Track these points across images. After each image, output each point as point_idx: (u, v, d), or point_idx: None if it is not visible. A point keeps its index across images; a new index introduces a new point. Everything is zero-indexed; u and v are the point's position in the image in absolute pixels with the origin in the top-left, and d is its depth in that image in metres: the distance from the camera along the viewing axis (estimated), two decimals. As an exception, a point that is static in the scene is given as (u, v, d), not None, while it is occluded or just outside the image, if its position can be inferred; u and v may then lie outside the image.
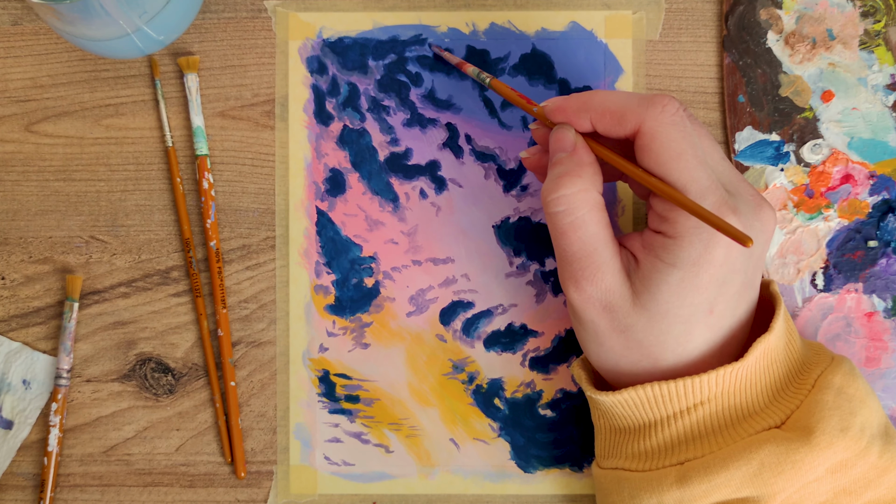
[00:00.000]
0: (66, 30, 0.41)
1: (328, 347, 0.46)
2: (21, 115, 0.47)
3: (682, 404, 0.38)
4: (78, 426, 0.47)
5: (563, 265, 0.39)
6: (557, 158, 0.39)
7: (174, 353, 0.47)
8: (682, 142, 0.37)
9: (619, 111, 0.38)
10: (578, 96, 0.39)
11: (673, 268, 0.37)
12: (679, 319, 0.37)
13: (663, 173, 0.37)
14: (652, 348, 0.38)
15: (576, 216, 0.38)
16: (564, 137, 0.39)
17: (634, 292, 0.38)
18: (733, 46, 0.46)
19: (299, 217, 0.47)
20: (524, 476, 0.46)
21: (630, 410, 0.39)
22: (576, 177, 0.38)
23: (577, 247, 0.38)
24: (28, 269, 0.47)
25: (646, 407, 0.38)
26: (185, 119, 0.47)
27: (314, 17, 0.47)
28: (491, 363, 0.46)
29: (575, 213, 0.38)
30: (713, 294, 0.37)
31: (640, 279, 0.38)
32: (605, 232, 0.38)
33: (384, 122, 0.47)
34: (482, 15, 0.46)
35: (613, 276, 0.38)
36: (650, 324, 0.37)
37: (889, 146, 0.45)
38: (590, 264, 0.38)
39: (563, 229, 0.38)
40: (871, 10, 0.45)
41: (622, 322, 0.38)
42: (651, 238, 0.38)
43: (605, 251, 0.38)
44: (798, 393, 0.38)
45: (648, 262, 0.37)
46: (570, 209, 0.38)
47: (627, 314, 0.38)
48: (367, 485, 0.46)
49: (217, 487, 0.46)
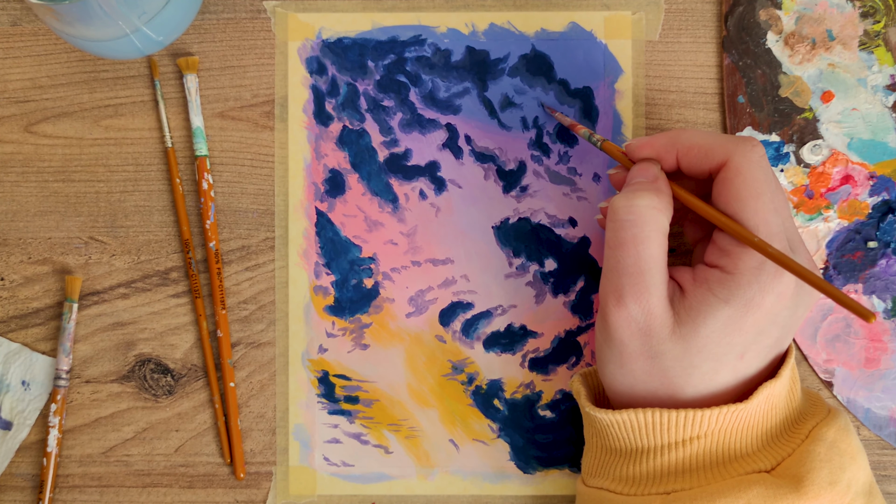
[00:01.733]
0: (66, 30, 0.41)
1: (327, 348, 0.46)
2: (20, 115, 0.47)
3: (679, 435, 0.38)
4: (77, 427, 0.47)
5: (611, 277, 0.38)
6: (638, 180, 0.39)
7: (173, 353, 0.47)
8: (764, 184, 0.37)
9: (708, 146, 0.38)
10: (665, 134, 0.39)
11: (725, 304, 0.36)
12: (712, 356, 0.37)
13: (737, 210, 0.37)
14: (675, 379, 0.38)
15: (641, 230, 0.37)
16: (648, 168, 0.39)
17: (677, 321, 0.37)
18: (733, 47, 0.46)
19: (299, 218, 0.47)
20: (523, 477, 0.46)
21: (626, 433, 0.39)
22: (654, 192, 0.38)
23: (631, 261, 0.37)
24: (27, 269, 0.47)
25: (643, 432, 0.38)
26: (185, 120, 0.47)
27: (313, 18, 0.47)
28: (490, 364, 0.46)
29: (642, 227, 0.37)
30: (750, 340, 0.37)
31: (685, 309, 0.37)
32: (662, 257, 0.38)
33: (384, 122, 0.47)
34: (482, 15, 0.46)
35: (659, 300, 0.37)
36: (683, 355, 0.37)
37: (889, 147, 0.45)
38: (639, 282, 0.37)
39: (623, 240, 0.37)
40: (871, 10, 0.45)
41: (654, 348, 0.37)
42: (706, 272, 0.38)
43: (658, 274, 0.37)
44: (791, 441, 0.38)
45: (699, 294, 0.37)
46: (638, 220, 0.37)
47: (662, 341, 0.37)
48: (366, 486, 0.46)
49: (216, 488, 0.46)
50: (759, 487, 0.36)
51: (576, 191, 0.46)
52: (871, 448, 0.46)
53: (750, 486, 0.37)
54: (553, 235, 0.46)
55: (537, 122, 0.46)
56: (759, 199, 0.37)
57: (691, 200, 0.38)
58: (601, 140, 0.42)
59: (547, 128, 0.46)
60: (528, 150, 0.46)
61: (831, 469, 0.37)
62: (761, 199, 0.37)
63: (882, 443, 0.46)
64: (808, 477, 0.37)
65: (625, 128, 0.46)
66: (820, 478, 0.37)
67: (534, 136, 0.46)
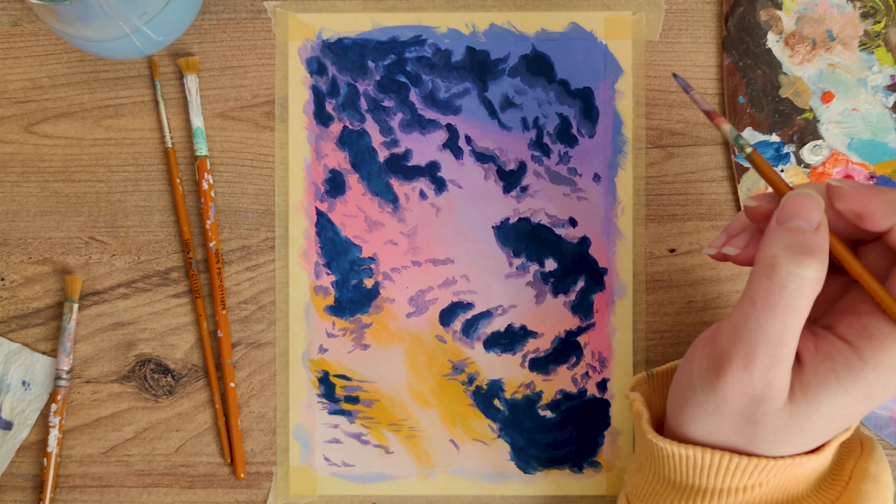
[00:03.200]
0: (66, 31, 0.41)
1: (328, 348, 0.46)
2: (21, 115, 0.47)
3: (744, 481, 0.36)
4: (77, 427, 0.47)
5: (746, 338, 0.34)
6: (798, 226, 0.34)
7: (174, 354, 0.47)
8: None
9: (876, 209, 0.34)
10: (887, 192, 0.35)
11: (845, 392, 0.34)
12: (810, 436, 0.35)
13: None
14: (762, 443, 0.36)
15: (798, 303, 0.33)
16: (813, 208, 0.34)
17: (790, 397, 0.34)
18: (733, 47, 0.46)
19: (299, 218, 0.47)
20: (524, 477, 0.46)
21: (689, 469, 0.37)
22: (820, 262, 0.33)
23: (776, 330, 0.33)
24: (27, 270, 0.47)
25: (710, 472, 0.36)
26: (185, 120, 0.47)
27: (314, 18, 0.47)
28: (490, 364, 0.46)
29: (801, 299, 0.33)
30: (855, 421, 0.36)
31: (801, 387, 0.34)
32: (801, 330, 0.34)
33: (384, 122, 0.47)
34: (482, 16, 0.46)
35: (784, 375, 0.34)
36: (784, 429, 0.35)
37: (889, 147, 0.45)
38: (775, 354, 0.34)
39: (775, 307, 0.33)
40: (871, 10, 0.45)
41: (757, 414, 0.35)
42: (833, 345, 0.34)
43: (793, 349, 0.34)
44: (838, 482, 0.38)
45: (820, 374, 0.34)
46: (799, 293, 0.33)
47: (769, 412, 0.34)
48: (366, 486, 0.46)
49: (216, 488, 0.46)
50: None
51: (576, 191, 0.46)
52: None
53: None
54: (553, 235, 0.46)
55: (537, 123, 0.46)
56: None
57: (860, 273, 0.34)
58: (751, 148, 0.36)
59: (547, 128, 0.46)
60: (529, 150, 0.46)
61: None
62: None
63: (882, 443, 0.46)
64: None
65: (625, 128, 0.46)
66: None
67: (534, 136, 0.46)
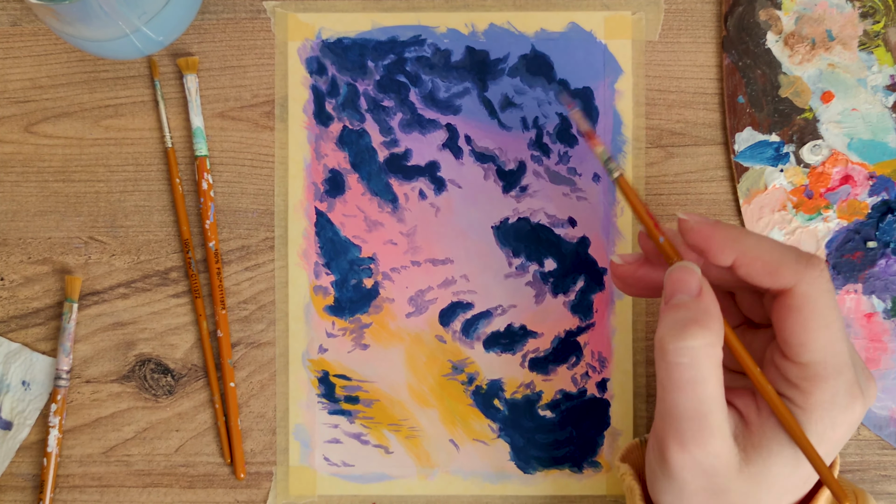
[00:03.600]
0: (66, 30, 0.41)
1: (327, 348, 0.46)
2: (20, 115, 0.47)
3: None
4: (77, 427, 0.47)
5: (669, 420, 0.35)
6: (680, 301, 0.35)
7: (173, 353, 0.47)
8: (832, 311, 0.35)
9: (776, 263, 0.35)
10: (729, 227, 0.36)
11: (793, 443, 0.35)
12: (780, 490, 0.36)
13: (805, 340, 0.35)
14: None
15: (698, 372, 0.34)
16: (689, 280, 0.35)
17: (744, 459, 0.35)
18: (733, 47, 0.46)
19: (298, 218, 0.47)
20: (524, 477, 0.46)
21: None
22: (705, 328, 0.34)
23: (691, 405, 0.35)
24: (27, 269, 0.47)
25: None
26: (185, 120, 0.47)
27: (313, 18, 0.47)
28: (490, 364, 0.46)
29: (698, 368, 0.34)
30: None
31: (753, 447, 0.35)
32: (721, 393, 0.35)
33: (384, 122, 0.47)
34: (481, 16, 0.46)
35: (724, 442, 0.35)
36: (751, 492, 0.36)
37: (889, 147, 0.45)
38: (701, 427, 0.35)
39: (680, 384, 0.35)
40: (871, 10, 0.45)
41: (719, 486, 0.35)
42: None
43: (720, 414, 0.35)
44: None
45: (767, 431, 0.35)
46: (694, 363, 0.34)
47: (729, 480, 0.35)
48: (366, 486, 0.46)
49: (216, 488, 0.46)
50: None
51: (576, 191, 0.46)
52: (872, 448, 0.46)
53: None
54: (553, 235, 0.46)
55: (537, 123, 0.46)
56: (828, 329, 0.35)
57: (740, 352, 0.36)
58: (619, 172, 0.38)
59: (547, 128, 0.46)
60: (528, 150, 0.46)
61: None
62: (831, 329, 0.35)
63: (882, 443, 0.46)
64: None
65: (625, 128, 0.46)
66: None
67: (534, 136, 0.46)
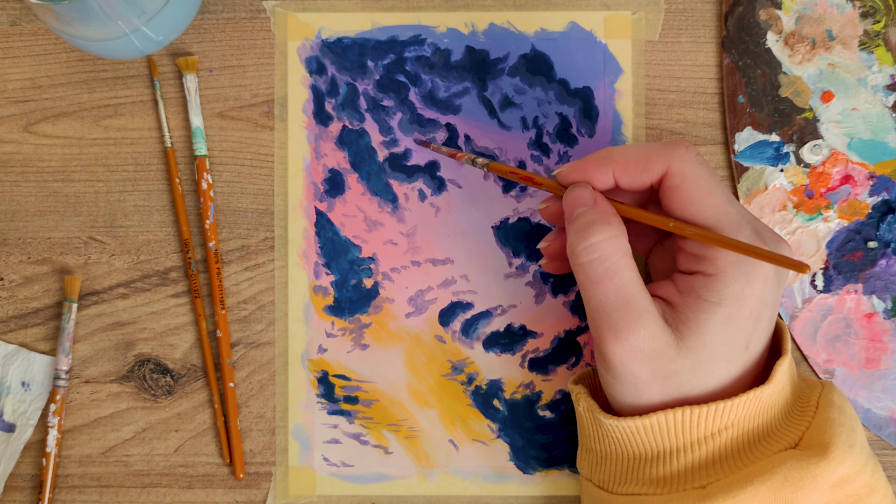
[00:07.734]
0: (65, 30, 0.41)
1: (327, 348, 0.46)
2: (20, 115, 0.47)
3: (708, 430, 0.38)
4: (76, 427, 0.47)
5: (599, 317, 0.37)
6: (579, 213, 0.38)
7: (173, 354, 0.47)
8: (710, 179, 0.37)
9: (644, 158, 0.38)
10: (594, 155, 0.39)
11: (718, 305, 0.37)
12: (722, 357, 0.37)
13: (695, 212, 0.37)
14: (693, 389, 0.38)
15: (610, 262, 0.37)
16: (582, 195, 0.38)
17: (678, 336, 0.37)
18: (733, 47, 0.46)
19: (298, 218, 0.46)
20: (523, 477, 0.46)
21: (655, 436, 0.38)
22: (605, 224, 0.37)
23: (613, 295, 0.37)
24: (27, 269, 0.47)
25: (671, 432, 0.38)
26: (184, 119, 0.47)
27: (313, 18, 0.47)
28: (490, 364, 0.46)
29: (609, 259, 0.37)
30: (750, 329, 0.37)
31: (682, 322, 0.37)
32: (639, 279, 0.37)
33: (383, 122, 0.46)
34: (481, 15, 0.46)
35: (655, 323, 0.37)
36: (695, 366, 0.37)
37: (889, 147, 0.45)
38: (629, 312, 0.37)
39: (596, 278, 0.37)
40: (871, 10, 0.45)
41: (666, 368, 0.37)
42: (687, 280, 0.38)
43: (643, 298, 0.37)
44: (805, 413, 0.39)
45: (690, 303, 0.37)
46: (603, 256, 0.37)
47: (672, 359, 0.37)
48: (365, 486, 0.46)
49: (216, 488, 0.46)
50: (791, 461, 0.37)
51: (576, 191, 0.46)
52: (872, 448, 0.46)
53: (783, 462, 0.37)
54: (553, 235, 0.46)
55: (537, 122, 0.46)
56: (711, 195, 0.37)
57: (644, 216, 0.38)
58: (486, 164, 0.42)
59: (546, 127, 0.46)
60: (528, 149, 0.46)
61: (847, 432, 0.38)
62: (714, 194, 0.37)
63: (882, 443, 0.46)
64: (832, 443, 0.37)
65: (625, 128, 0.46)
66: (841, 441, 0.37)
67: (534, 135, 0.46)
